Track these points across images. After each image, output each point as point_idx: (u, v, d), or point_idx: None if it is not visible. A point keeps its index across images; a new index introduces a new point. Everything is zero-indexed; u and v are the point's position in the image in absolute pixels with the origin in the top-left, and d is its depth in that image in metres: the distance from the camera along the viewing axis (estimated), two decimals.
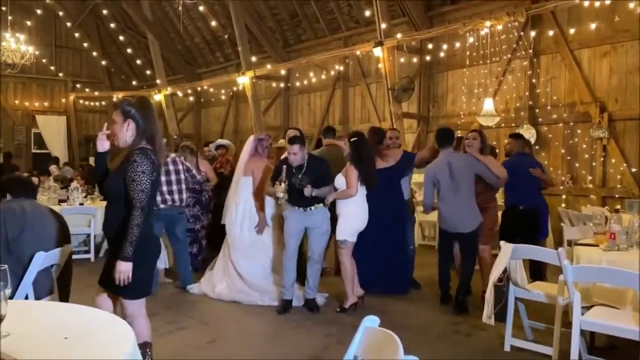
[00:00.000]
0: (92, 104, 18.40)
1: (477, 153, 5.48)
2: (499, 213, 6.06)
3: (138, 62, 17.95)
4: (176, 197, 5.78)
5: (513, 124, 9.29)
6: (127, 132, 3.04)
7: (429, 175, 5.38)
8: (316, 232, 5.22)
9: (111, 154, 3.20)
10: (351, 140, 5.27)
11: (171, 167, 5.82)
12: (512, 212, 5.90)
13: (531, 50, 9.03)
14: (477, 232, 5.25)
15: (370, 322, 1.88)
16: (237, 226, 5.75)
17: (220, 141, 8.64)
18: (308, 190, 4.99)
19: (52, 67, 18.10)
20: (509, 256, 4.00)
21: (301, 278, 5.50)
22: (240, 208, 5.77)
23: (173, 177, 5.77)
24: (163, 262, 6.16)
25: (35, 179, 10.08)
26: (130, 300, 3.07)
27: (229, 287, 5.69)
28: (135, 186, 2.93)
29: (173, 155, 6.14)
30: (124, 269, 2.92)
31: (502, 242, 4.10)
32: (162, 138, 3.21)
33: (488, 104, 8.87)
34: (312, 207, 5.17)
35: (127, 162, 3.00)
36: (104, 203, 3.20)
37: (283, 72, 13.24)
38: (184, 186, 5.87)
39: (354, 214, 5.21)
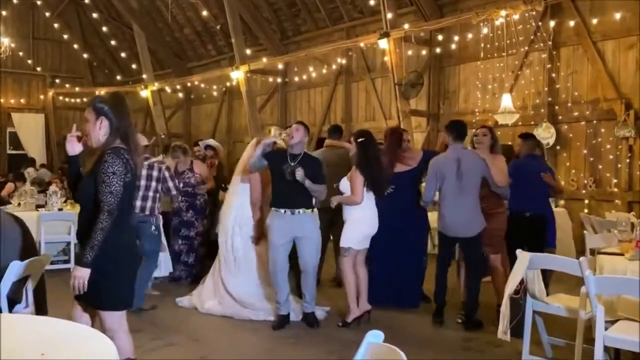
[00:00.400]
0: (72, 100, 18.43)
1: (486, 151, 5.47)
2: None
3: (123, 55, 18.00)
4: (139, 203, 5.75)
5: (531, 122, 9.29)
6: (100, 131, 3.07)
7: (434, 168, 5.32)
8: (306, 243, 5.15)
9: (85, 156, 3.22)
10: (358, 140, 5.25)
11: (144, 172, 5.79)
12: (518, 219, 5.76)
13: (550, 42, 9.04)
14: (479, 238, 5.20)
15: (374, 337, 1.88)
16: (228, 237, 5.75)
17: (208, 141, 8.62)
18: (300, 173, 4.89)
19: (29, 61, 18.14)
20: (526, 266, 4.00)
21: (299, 290, 5.50)
22: (232, 217, 5.77)
23: (142, 183, 5.74)
24: (164, 268, 6.18)
25: (10, 185, 10.13)
26: (106, 312, 3.08)
27: (220, 304, 5.69)
28: (104, 188, 2.95)
29: (154, 160, 6.11)
30: (79, 275, 2.93)
31: (518, 251, 4.10)
32: (136, 136, 3.23)
33: (506, 100, 8.87)
34: (300, 211, 5.09)
35: (99, 163, 3.02)
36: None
37: (280, 66, 13.26)
38: (151, 194, 5.79)
39: (360, 220, 5.21)
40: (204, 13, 14.72)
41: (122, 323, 3.13)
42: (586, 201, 8.79)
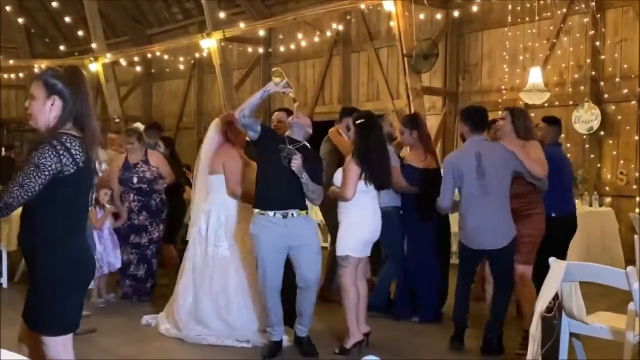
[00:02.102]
0: (6, 76, 18.33)
1: (512, 139, 5.43)
2: None
3: (67, 20, 17.88)
4: None
5: (570, 102, 9.33)
6: (50, 112, 3.07)
7: (450, 166, 5.29)
8: (305, 252, 5.09)
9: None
10: (357, 122, 5.26)
11: None
12: (548, 221, 5.72)
13: (594, 3, 9.08)
14: (511, 248, 5.18)
15: None
16: (209, 245, 5.74)
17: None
18: (297, 162, 4.81)
19: None
20: (561, 278, 4.02)
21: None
22: (213, 218, 5.74)
23: None
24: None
25: None
26: (49, 337, 3.08)
27: (178, 326, 5.71)
28: (17, 176, 2.96)
29: None
30: None
31: (552, 259, 4.12)
32: (95, 122, 3.21)
33: (535, 75, 8.91)
34: (294, 213, 5.03)
35: (31, 149, 3.03)
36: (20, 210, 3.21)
37: (262, 32, 13.22)
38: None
39: (360, 223, 5.20)
40: None
41: (67, 350, 3.14)
42: (638, 199, 8.84)
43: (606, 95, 9.19)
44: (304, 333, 5.26)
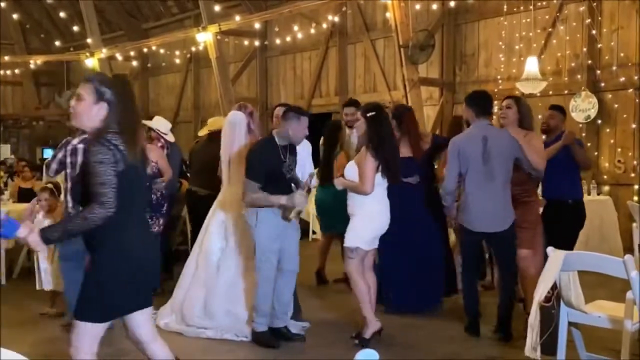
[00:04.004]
0: (2, 72, 18.28)
1: (515, 127, 5.53)
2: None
3: (62, 15, 17.85)
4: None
5: (566, 91, 9.33)
6: (97, 116, 3.23)
7: (455, 150, 5.30)
8: (290, 231, 5.26)
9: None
10: (368, 115, 5.24)
11: (69, 160, 5.70)
12: (559, 207, 5.97)
13: None
14: (512, 231, 5.28)
15: (367, 355, 1.89)
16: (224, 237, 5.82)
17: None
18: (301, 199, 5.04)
19: None
20: (559, 267, 4.03)
21: None
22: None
23: (68, 170, 5.67)
24: (47, 282, 6.15)
25: None
26: (77, 321, 3.20)
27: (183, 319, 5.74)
28: (93, 179, 3.09)
29: (76, 141, 5.89)
30: (32, 239, 3.10)
31: (549, 249, 4.13)
32: (140, 127, 3.40)
33: (531, 65, 8.89)
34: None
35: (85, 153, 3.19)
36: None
37: (258, 25, 13.19)
38: (70, 184, 5.70)
39: (373, 215, 5.22)
40: None
41: (92, 344, 3.24)
42: (636, 187, 8.84)
43: (603, 84, 9.17)
44: (281, 324, 5.40)
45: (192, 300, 5.78)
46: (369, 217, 5.21)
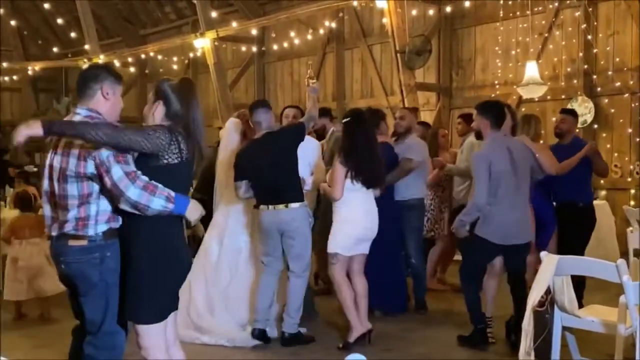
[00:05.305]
0: (0, 78, 18.31)
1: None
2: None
3: (60, 21, 17.84)
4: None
5: (563, 96, 9.35)
6: (154, 115, 3.37)
7: (485, 163, 5.02)
8: (295, 235, 5.31)
9: None
10: (343, 120, 5.35)
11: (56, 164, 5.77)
12: (570, 210, 6.04)
13: None
14: (530, 242, 5.37)
15: (355, 358, 1.90)
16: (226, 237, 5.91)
17: None
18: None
19: None
20: (552, 272, 4.04)
21: None
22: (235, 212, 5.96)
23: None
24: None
25: None
26: (142, 325, 3.28)
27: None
28: (140, 135, 3.18)
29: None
30: (24, 131, 3.24)
31: (543, 254, 4.14)
32: (202, 128, 3.41)
33: (531, 69, 8.90)
34: (287, 206, 5.27)
35: None
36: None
37: (255, 31, 13.22)
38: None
39: (348, 221, 5.24)
40: None
41: (158, 341, 3.33)
42: (632, 191, 8.85)
43: (599, 89, 9.19)
44: (294, 329, 5.42)
45: (195, 302, 5.82)
46: (345, 223, 5.25)
